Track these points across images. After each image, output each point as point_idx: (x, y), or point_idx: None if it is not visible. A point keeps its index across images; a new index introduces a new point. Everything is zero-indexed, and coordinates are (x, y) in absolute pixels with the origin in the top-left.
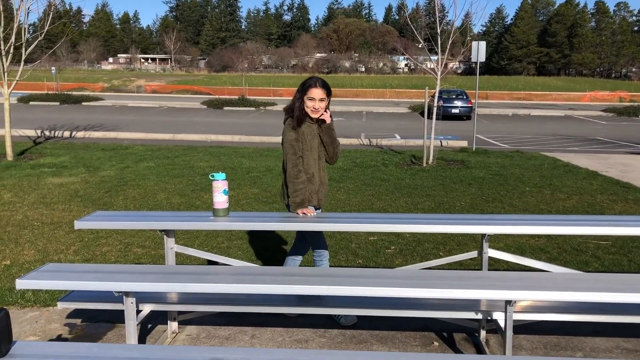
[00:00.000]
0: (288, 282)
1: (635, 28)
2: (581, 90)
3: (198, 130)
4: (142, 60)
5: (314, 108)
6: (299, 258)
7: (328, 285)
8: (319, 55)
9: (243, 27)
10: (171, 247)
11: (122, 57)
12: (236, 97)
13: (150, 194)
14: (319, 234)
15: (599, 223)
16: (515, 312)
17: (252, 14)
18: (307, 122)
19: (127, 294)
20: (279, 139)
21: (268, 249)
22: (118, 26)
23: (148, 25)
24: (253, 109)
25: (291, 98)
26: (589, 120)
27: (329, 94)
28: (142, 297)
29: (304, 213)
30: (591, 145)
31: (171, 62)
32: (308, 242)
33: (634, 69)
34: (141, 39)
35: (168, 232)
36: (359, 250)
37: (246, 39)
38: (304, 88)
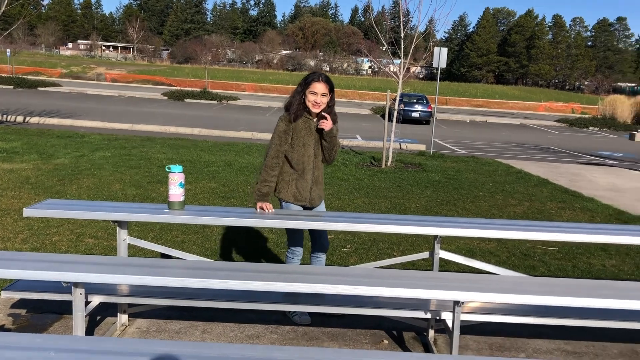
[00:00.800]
0: (241, 278)
1: (589, 43)
2: (537, 100)
3: (157, 122)
4: (103, 47)
5: (315, 102)
6: (320, 256)
7: (281, 282)
8: (284, 52)
9: (208, 19)
10: (124, 238)
11: (82, 43)
12: (198, 89)
13: (105, 184)
14: (294, 232)
15: (546, 229)
16: (463, 312)
17: (218, 7)
18: (304, 117)
19: (77, 284)
20: (240, 134)
21: (224, 244)
22: (79, 11)
23: (111, 12)
24: (215, 102)
25: (255, 93)
26: (543, 130)
27: (331, 89)
28: (91, 289)
29: (262, 209)
30: (544, 154)
31: (133, 51)
32: (323, 239)
33: (586, 82)
34: (103, 25)
35: (121, 224)
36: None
37: (211, 31)
38: (306, 82)
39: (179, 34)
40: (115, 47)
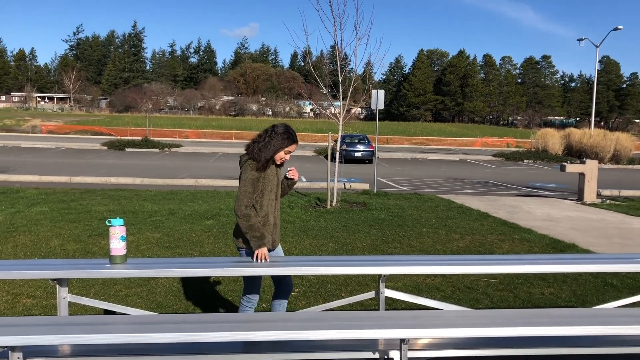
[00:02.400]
0: (185, 330)
1: (519, 80)
2: (473, 136)
3: (97, 173)
4: (39, 99)
5: (284, 159)
6: (282, 301)
7: (226, 332)
8: (226, 97)
9: (147, 67)
10: (64, 296)
11: (16, 95)
12: (139, 138)
13: (43, 240)
14: (254, 278)
15: (487, 262)
16: (410, 350)
17: (157, 55)
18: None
19: (13, 348)
20: (183, 182)
21: (168, 296)
22: (12, 63)
23: (46, 63)
24: (157, 150)
25: (198, 139)
26: (480, 164)
27: None
28: (30, 351)
29: (262, 258)
30: (483, 188)
31: (70, 101)
32: (285, 281)
33: (518, 117)
34: (37, 77)
35: (61, 281)
36: (263, 294)
37: (151, 80)
38: (285, 140)
39: (117, 83)
40: (50, 98)
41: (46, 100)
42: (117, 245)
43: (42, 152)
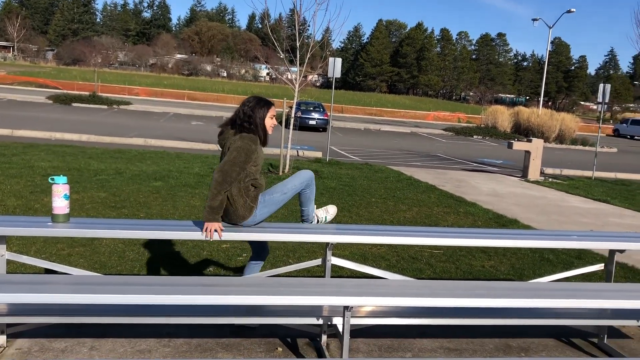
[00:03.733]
0: (127, 292)
1: (474, 56)
2: (426, 110)
3: (41, 127)
4: None
5: (273, 125)
6: (259, 263)
7: (170, 295)
8: (179, 56)
9: (98, 20)
10: (2, 254)
11: None
12: (87, 93)
13: None
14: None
15: (432, 234)
16: (353, 317)
17: (109, 8)
18: None
19: None
20: (132, 141)
21: (112, 257)
22: None
23: None
24: (105, 107)
25: (149, 98)
26: (431, 138)
27: None
28: None
29: (211, 231)
30: (432, 161)
31: (14, 50)
32: (266, 247)
33: (471, 93)
34: None
35: None
36: (211, 258)
37: (101, 32)
38: (264, 106)
39: (65, 34)
40: None
41: None
42: (60, 203)
43: None
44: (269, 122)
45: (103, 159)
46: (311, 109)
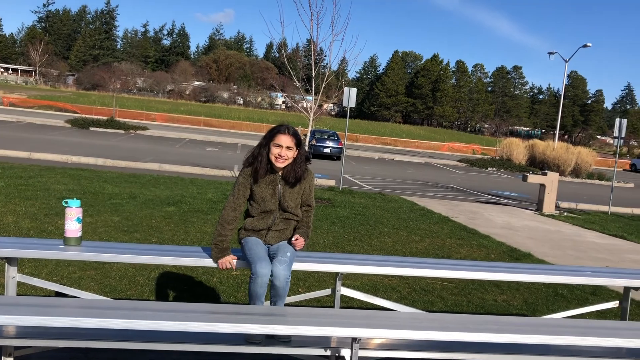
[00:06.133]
0: (136, 317)
1: (489, 88)
2: (441, 140)
3: (59, 150)
4: (2, 69)
5: (279, 155)
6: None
7: (177, 321)
8: (197, 83)
9: (118, 46)
10: (12, 276)
11: None
12: (105, 117)
13: None
14: (246, 257)
15: (444, 267)
16: (362, 349)
17: (129, 35)
18: (267, 176)
19: None
20: (147, 165)
21: (123, 281)
22: None
23: (12, 33)
24: (122, 131)
25: (165, 123)
26: (445, 169)
27: (298, 143)
28: None
29: (225, 267)
30: (446, 192)
31: (35, 75)
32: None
33: (486, 125)
34: (2, 47)
35: (10, 260)
36: (220, 285)
37: (121, 59)
38: (271, 134)
39: (86, 60)
40: (15, 70)
41: (10, 71)
42: (73, 227)
43: (2, 125)
44: (274, 150)
45: (118, 183)
46: (326, 137)
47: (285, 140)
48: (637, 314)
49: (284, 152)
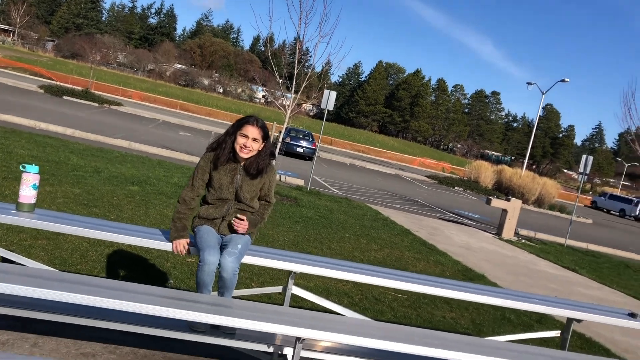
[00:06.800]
0: (80, 292)
1: (466, 110)
2: (413, 155)
3: (28, 115)
4: None
5: (244, 145)
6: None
7: (123, 301)
8: (178, 66)
9: (103, 18)
10: None
11: None
12: (80, 88)
13: None
14: (196, 243)
15: (397, 278)
16: (304, 349)
17: (116, 8)
18: (230, 162)
19: None
20: (116, 142)
21: (74, 255)
22: None
23: None
24: (96, 104)
25: (141, 102)
26: (414, 183)
27: (265, 137)
28: None
29: (179, 250)
30: (411, 206)
31: (14, 35)
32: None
33: (458, 145)
34: None
35: None
36: (173, 270)
37: (104, 31)
38: (239, 123)
39: (68, 27)
40: None
41: None
42: (27, 192)
43: None
44: (239, 140)
45: (84, 155)
46: (300, 136)
47: (252, 131)
48: (577, 345)
49: (249, 143)
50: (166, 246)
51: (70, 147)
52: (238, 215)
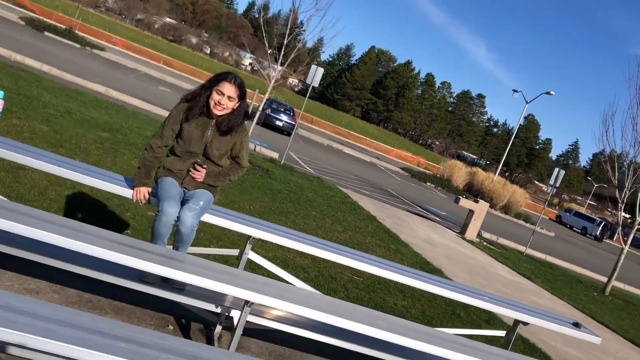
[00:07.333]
0: (30, 224)
1: (450, 108)
2: (391, 145)
3: (4, 44)
4: None
5: (218, 102)
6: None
7: (76, 241)
8: (168, 20)
9: None
10: None
11: None
12: (64, 26)
13: None
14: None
15: (355, 258)
16: (252, 314)
17: None
18: (201, 117)
19: None
20: (93, 86)
21: (33, 191)
22: None
23: None
24: (78, 46)
25: (125, 50)
26: (387, 173)
27: (242, 97)
28: None
29: (139, 198)
30: (381, 195)
31: None
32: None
33: (437, 142)
34: None
35: None
36: (133, 221)
37: None
38: (216, 79)
39: None
40: None
41: None
42: None
43: None
44: (214, 96)
45: (57, 94)
46: (282, 110)
47: (228, 89)
48: (519, 349)
49: (224, 100)
50: (127, 193)
51: (45, 84)
52: (199, 161)
